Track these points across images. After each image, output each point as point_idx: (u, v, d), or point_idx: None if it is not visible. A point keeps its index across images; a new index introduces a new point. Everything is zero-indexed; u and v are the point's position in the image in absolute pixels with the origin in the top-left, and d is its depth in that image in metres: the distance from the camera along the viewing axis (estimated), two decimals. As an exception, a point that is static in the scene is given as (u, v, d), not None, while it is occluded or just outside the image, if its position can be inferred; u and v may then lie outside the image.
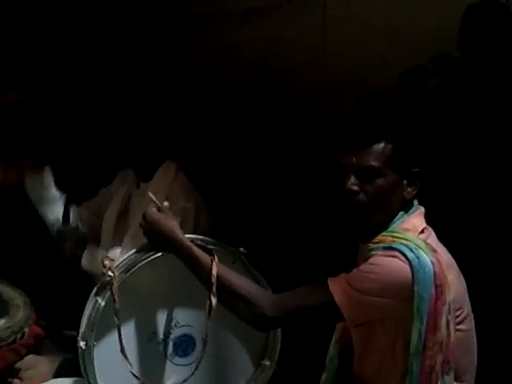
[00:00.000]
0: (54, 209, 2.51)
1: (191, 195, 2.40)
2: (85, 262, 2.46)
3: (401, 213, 1.74)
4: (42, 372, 2.42)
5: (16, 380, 2.41)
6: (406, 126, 1.81)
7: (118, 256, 2.23)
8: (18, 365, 2.44)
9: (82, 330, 1.86)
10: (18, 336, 2.44)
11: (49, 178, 2.53)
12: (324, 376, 1.96)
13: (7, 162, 3.25)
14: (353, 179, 1.71)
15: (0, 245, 3.18)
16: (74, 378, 2.23)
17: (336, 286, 1.66)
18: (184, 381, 1.86)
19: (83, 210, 2.62)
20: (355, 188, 1.70)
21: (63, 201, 2.54)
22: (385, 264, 1.63)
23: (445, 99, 2.58)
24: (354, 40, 2.77)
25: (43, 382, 2.32)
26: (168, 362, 1.95)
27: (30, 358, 2.48)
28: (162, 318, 1.93)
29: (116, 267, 1.84)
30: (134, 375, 1.82)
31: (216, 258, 1.77)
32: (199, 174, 2.58)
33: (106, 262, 1.83)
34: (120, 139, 2.48)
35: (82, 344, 1.82)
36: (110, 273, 1.80)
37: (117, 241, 2.47)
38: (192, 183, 2.48)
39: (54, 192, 2.52)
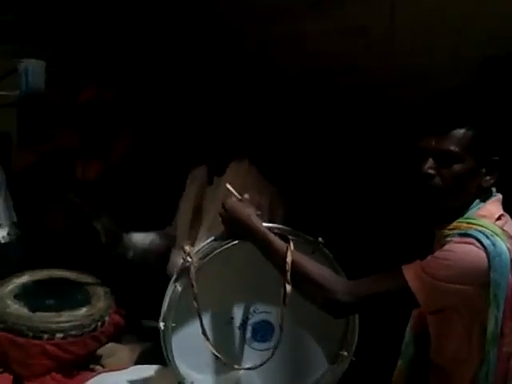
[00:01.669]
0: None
1: (264, 188, 2.43)
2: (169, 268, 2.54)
3: (477, 200, 1.73)
4: (123, 360, 2.51)
5: (97, 366, 2.51)
6: (489, 113, 1.77)
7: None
8: (99, 352, 2.54)
9: (162, 312, 1.92)
10: (99, 324, 2.54)
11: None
12: (400, 363, 1.97)
13: (86, 158, 3.37)
14: (430, 162, 1.70)
15: (81, 238, 3.29)
16: (155, 366, 2.33)
17: (411, 273, 1.66)
18: (261, 364, 1.90)
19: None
20: (432, 171, 1.70)
21: None
22: (460, 251, 1.63)
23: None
24: (423, 27, 2.73)
25: (123, 369, 2.41)
26: (246, 347, 2.00)
27: (110, 346, 2.57)
28: (240, 304, 1.98)
29: (195, 253, 1.89)
30: (215, 355, 1.87)
31: (292, 245, 1.79)
32: (271, 167, 2.62)
33: (186, 248, 1.89)
34: (193, 136, 2.53)
35: (161, 325, 1.89)
36: (189, 258, 1.86)
37: (192, 236, 2.52)
38: (264, 176, 2.52)
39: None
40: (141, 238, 2.72)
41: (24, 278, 2.78)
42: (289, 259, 1.75)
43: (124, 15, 3.64)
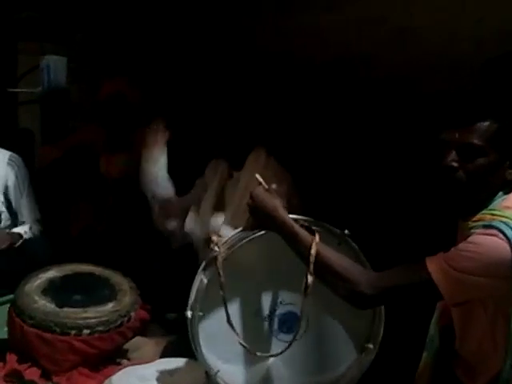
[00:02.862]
0: (163, 192, 2.62)
1: (283, 179, 2.45)
2: (188, 223, 2.58)
3: (500, 192, 1.72)
4: (148, 353, 2.54)
5: (124, 360, 2.54)
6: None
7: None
8: (125, 346, 2.57)
9: (190, 301, 1.95)
10: (125, 319, 2.58)
11: (164, 159, 2.61)
12: (425, 355, 1.97)
13: (109, 153, 3.40)
14: (453, 155, 1.69)
15: (105, 234, 3.33)
16: (180, 358, 2.35)
17: (434, 265, 1.65)
18: (282, 352, 1.91)
19: (184, 200, 2.73)
20: (455, 164, 1.69)
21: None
22: (484, 243, 1.62)
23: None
24: (443, 16, 2.70)
25: (149, 362, 2.43)
26: (273, 338, 2.01)
27: (136, 340, 2.60)
28: (266, 295, 1.99)
29: (222, 244, 1.91)
30: (241, 344, 1.89)
31: (317, 237, 1.79)
32: (288, 158, 2.62)
33: (214, 238, 1.92)
34: (211, 129, 2.55)
35: (188, 314, 1.92)
36: (216, 248, 1.88)
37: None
38: (282, 167, 2.54)
39: (165, 173, 2.62)
40: None
41: (50, 273, 2.81)
42: (313, 251, 1.76)
43: (143, 10, 3.65)
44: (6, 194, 3.30)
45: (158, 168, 2.61)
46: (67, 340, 2.47)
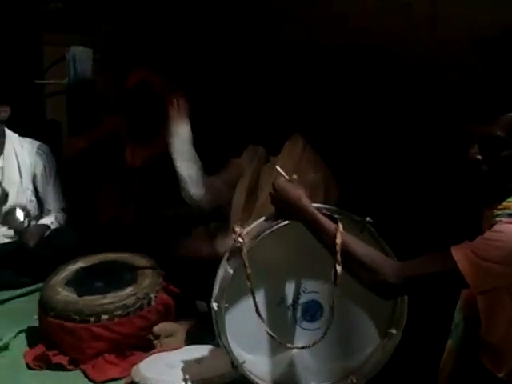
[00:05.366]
0: (189, 165, 2.60)
1: (319, 166, 2.48)
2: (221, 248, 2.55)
3: None
4: (179, 339, 2.56)
5: (156, 341, 2.55)
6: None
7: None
8: (157, 331, 2.57)
9: (214, 293, 1.96)
10: (145, 302, 2.59)
11: (190, 135, 2.62)
12: (449, 343, 1.97)
13: (135, 143, 3.43)
14: (477, 148, 1.69)
15: (132, 222, 3.36)
16: (207, 346, 2.39)
17: (460, 254, 1.65)
18: (314, 343, 1.92)
19: (215, 178, 2.72)
20: (479, 157, 1.69)
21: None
22: (509, 231, 1.61)
23: None
24: (465, 2, 2.68)
25: (177, 349, 2.47)
26: (297, 327, 2.02)
27: (169, 326, 2.62)
28: (290, 284, 2.00)
29: (245, 234, 1.92)
30: (268, 334, 1.90)
31: (341, 226, 1.80)
32: (326, 145, 2.63)
33: (237, 229, 1.91)
34: (250, 115, 2.57)
35: (214, 305, 1.93)
36: (240, 239, 1.89)
37: (245, 215, 2.56)
38: (319, 155, 2.55)
39: (193, 150, 2.62)
40: None
41: (78, 264, 2.87)
42: (338, 240, 1.76)
43: (168, 0, 3.65)
44: (33, 183, 3.36)
45: (181, 141, 2.58)
46: (87, 327, 2.51)
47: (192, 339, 2.55)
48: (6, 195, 3.29)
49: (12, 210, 3.25)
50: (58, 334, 2.55)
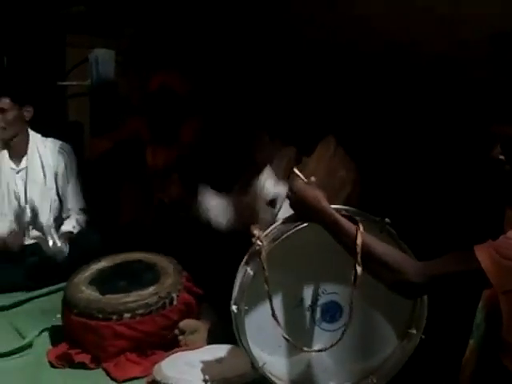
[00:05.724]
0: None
1: (350, 166, 2.55)
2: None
3: None
4: (202, 337, 2.57)
5: (181, 337, 2.56)
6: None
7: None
8: (183, 327, 2.59)
9: (234, 295, 1.97)
10: (167, 301, 2.60)
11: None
12: (471, 343, 1.96)
13: (156, 144, 3.45)
14: (500, 148, 1.69)
15: (154, 223, 3.38)
16: (228, 345, 2.39)
17: (483, 253, 1.64)
18: (332, 345, 1.92)
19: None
20: (501, 157, 1.68)
21: None
22: (532, 231, 1.61)
23: None
24: (491, 4, 2.66)
25: (198, 348, 2.48)
26: (316, 328, 2.03)
27: (193, 322, 2.63)
28: (308, 286, 2.01)
29: (264, 236, 1.93)
30: (285, 338, 1.91)
31: (361, 227, 1.79)
32: (353, 146, 2.65)
33: (255, 232, 1.92)
34: (283, 117, 2.60)
35: (234, 308, 1.94)
36: (259, 242, 1.89)
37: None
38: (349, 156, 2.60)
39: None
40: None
41: (101, 264, 2.89)
42: (359, 241, 1.76)
43: (191, 3, 3.66)
44: (55, 182, 3.40)
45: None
46: (109, 325, 2.53)
47: (213, 338, 2.56)
48: (35, 214, 3.32)
49: (43, 240, 3.23)
50: (81, 332, 2.58)
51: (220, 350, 2.39)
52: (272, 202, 2.48)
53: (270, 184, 2.58)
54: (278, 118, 2.61)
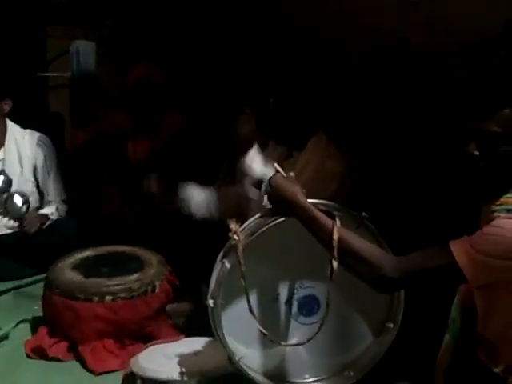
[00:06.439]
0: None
1: (341, 161, 2.56)
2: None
3: None
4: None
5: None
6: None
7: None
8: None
9: (210, 289, 1.97)
10: (149, 289, 2.63)
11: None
12: (447, 337, 1.97)
13: (137, 136, 3.45)
14: (475, 144, 1.70)
15: (133, 215, 3.37)
16: (206, 338, 2.38)
17: (458, 249, 1.65)
18: (309, 340, 1.92)
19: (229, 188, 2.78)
20: (476, 153, 1.70)
21: None
22: (508, 227, 1.62)
23: None
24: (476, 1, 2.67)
25: (175, 341, 2.47)
26: (292, 321, 2.03)
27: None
28: (285, 280, 2.01)
29: (241, 231, 1.92)
30: (261, 332, 1.90)
31: (338, 221, 1.79)
32: (347, 144, 2.66)
33: (232, 226, 1.91)
34: (277, 112, 2.60)
35: (210, 302, 1.94)
36: (236, 236, 1.89)
37: None
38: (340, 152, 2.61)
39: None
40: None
41: (86, 253, 2.89)
42: (335, 236, 1.76)
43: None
44: (34, 174, 3.38)
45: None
46: (90, 306, 2.53)
47: (192, 324, 2.60)
48: (9, 183, 3.30)
49: (11, 197, 3.27)
50: (61, 312, 2.57)
51: (197, 343, 2.38)
52: (259, 183, 2.48)
53: (257, 164, 2.58)
54: (270, 114, 2.60)
